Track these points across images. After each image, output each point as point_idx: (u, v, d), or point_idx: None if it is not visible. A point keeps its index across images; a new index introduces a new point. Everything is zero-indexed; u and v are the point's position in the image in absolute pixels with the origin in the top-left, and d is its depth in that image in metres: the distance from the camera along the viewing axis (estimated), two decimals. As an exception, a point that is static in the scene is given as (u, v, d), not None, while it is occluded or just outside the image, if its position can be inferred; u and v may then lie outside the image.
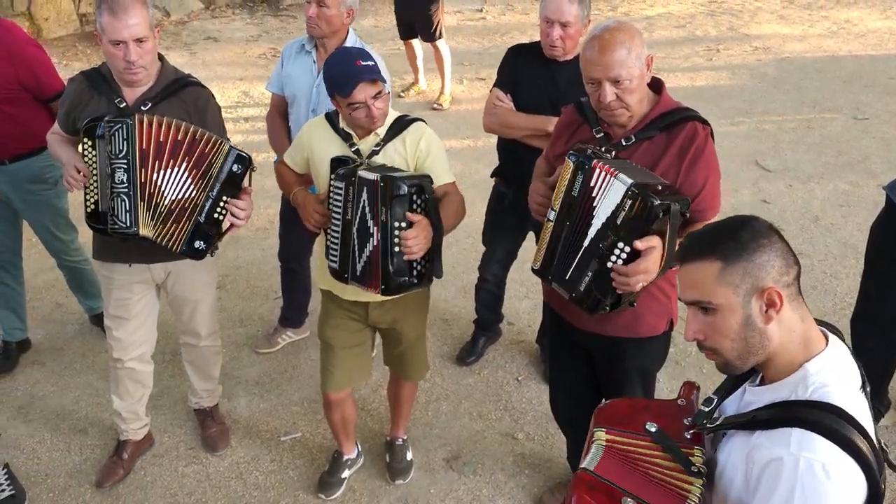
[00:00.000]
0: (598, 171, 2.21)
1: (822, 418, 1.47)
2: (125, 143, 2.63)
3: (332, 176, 2.60)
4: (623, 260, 2.18)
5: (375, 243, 2.48)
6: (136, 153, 2.64)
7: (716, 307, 1.55)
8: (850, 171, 5.71)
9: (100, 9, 2.65)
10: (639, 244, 2.12)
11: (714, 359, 1.62)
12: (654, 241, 2.13)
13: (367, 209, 2.47)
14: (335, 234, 2.59)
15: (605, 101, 2.27)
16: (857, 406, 1.53)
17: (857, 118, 6.55)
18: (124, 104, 2.77)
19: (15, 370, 3.90)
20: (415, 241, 2.45)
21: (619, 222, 2.17)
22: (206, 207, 2.71)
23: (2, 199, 3.56)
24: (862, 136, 6.24)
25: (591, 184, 2.22)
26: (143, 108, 2.75)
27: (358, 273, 2.57)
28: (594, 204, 2.22)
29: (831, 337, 1.62)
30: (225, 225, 2.79)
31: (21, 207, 3.61)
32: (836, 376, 1.55)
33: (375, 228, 2.47)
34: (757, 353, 1.57)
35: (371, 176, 2.44)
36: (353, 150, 2.65)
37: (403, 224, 2.45)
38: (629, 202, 2.14)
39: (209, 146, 2.71)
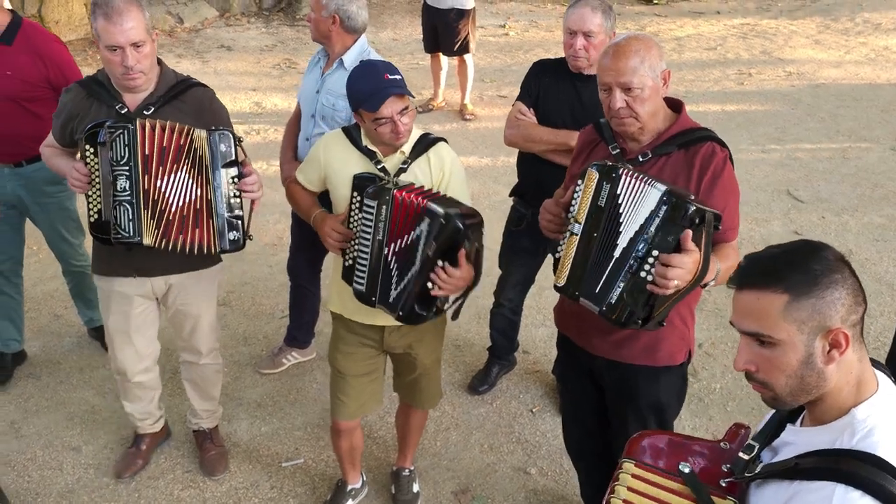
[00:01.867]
0: (625, 178, 2.21)
1: (868, 473, 1.38)
2: (126, 149, 2.60)
3: (357, 194, 2.53)
4: (653, 265, 2.16)
5: (415, 273, 2.45)
6: (138, 159, 2.61)
7: (776, 342, 1.45)
8: (886, 205, 5.58)
9: (94, 14, 2.61)
10: (683, 240, 2.08)
11: (763, 392, 1.52)
12: (693, 245, 2.10)
13: (423, 239, 2.42)
14: (364, 255, 2.52)
15: (615, 108, 2.28)
16: None
17: (895, 149, 6.41)
18: (126, 110, 2.72)
19: (8, 383, 3.83)
20: (452, 283, 2.44)
21: (653, 229, 2.15)
22: (219, 198, 2.68)
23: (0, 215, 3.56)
24: (899, 168, 6.12)
25: (618, 191, 2.21)
26: (145, 112, 2.71)
27: (391, 299, 2.52)
28: (621, 212, 2.21)
29: (881, 378, 1.53)
30: (246, 206, 2.76)
31: (34, 210, 3.60)
32: (884, 423, 1.46)
33: (419, 259, 2.43)
34: (811, 392, 1.48)
35: (439, 210, 2.38)
36: (378, 167, 2.59)
37: (445, 264, 2.43)
38: (664, 208, 2.13)
39: (190, 139, 2.66)
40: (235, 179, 2.69)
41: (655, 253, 2.13)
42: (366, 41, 3.41)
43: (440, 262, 2.42)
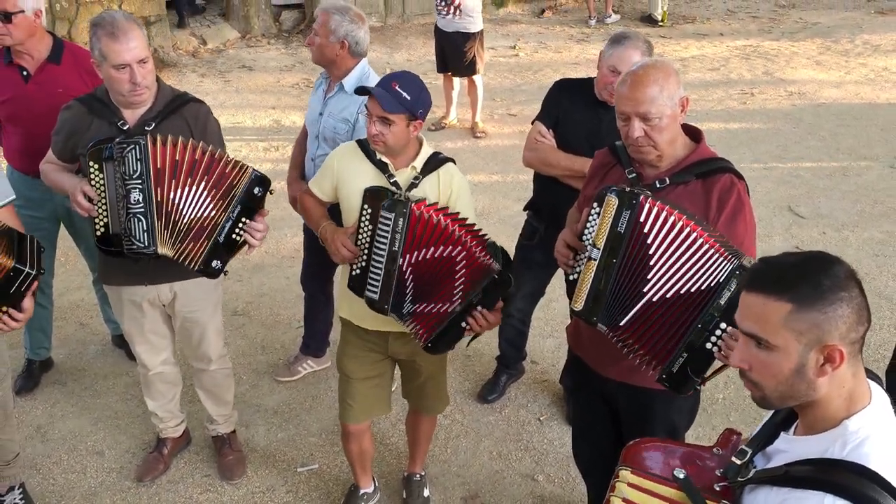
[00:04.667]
0: (648, 206, 2.17)
1: (856, 484, 1.41)
2: (139, 163, 2.65)
3: (368, 206, 2.57)
4: (720, 338, 2.15)
5: (450, 308, 2.53)
6: (150, 173, 2.66)
7: (772, 347, 1.47)
8: (885, 221, 5.63)
9: (96, 35, 2.68)
10: None
11: (753, 391, 1.55)
12: None
13: (462, 275, 2.51)
14: (377, 266, 2.56)
15: (633, 137, 2.27)
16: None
17: (895, 167, 6.47)
18: (127, 126, 2.79)
19: (36, 390, 3.92)
20: (485, 327, 2.54)
21: (723, 302, 2.12)
22: (226, 228, 2.74)
23: None
24: (899, 186, 6.16)
25: (641, 219, 2.18)
26: (146, 128, 2.77)
27: (404, 310, 2.58)
28: (650, 242, 2.17)
29: (875, 390, 1.55)
30: (242, 245, 2.83)
31: (78, 219, 3.61)
32: (875, 434, 1.48)
33: (459, 300, 2.52)
34: (799, 399, 1.51)
35: (496, 266, 2.47)
36: (391, 181, 2.64)
37: (484, 310, 2.52)
38: (734, 282, 2.09)
39: (231, 168, 2.73)
40: (246, 220, 2.75)
41: (724, 325, 2.10)
42: (366, 63, 3.43)
43: (480, 309, 2.50)
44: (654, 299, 2.19)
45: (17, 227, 2.67)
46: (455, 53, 6.63)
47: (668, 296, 2.18)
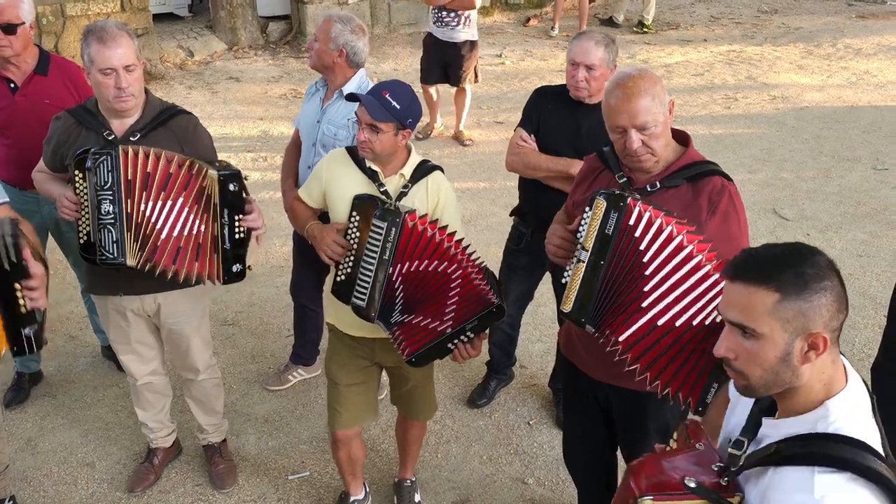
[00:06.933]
0: (638, 209, 2.17)
1: (850, 454, 1.45)
2: (110, 174, 2.66)
3: (357, 213, 2.58)
4: None
5: (440, 328, 2.58)
6: (121, 184, 2.67)
7: (758, 336, 1.51)
8: (868, 222, 5.70)
9: (86, 41, 2.72)
10: None
11: (737, 380, 1.59)
12: None
13: (455, 301, 2.56)
14: (366, 272, 2.58)
15: (633, 149, 2.28)
16: (874, 437, 1.53)
17: (877, 168, 6.55)
18: (113, 136, 2.80)
19: (26, 402, 3.92)
20: (467, 357, 2.63)
21: None
22: (227, 235, 2.75)
23: None
24: (881, 187, 6.23)
25: (631, 222, 2.18)
26: (131, 139, 2.78)
27: (392, 319, 2.60)
28: (642, 248, 2.17)
29: (849, 370, 1.60)
30: (248, 238, 2.85)
31: (66, 230, 3.64)
32: (853, 415, 1.54)
33: (451, 323, 2.57)
34: (783, 386, 1.55)
35: (495, 300, 2.53)
36: (381, 189, 2.65)
37: (472, 336, 2.59)
38: None
39: (201, 177, 2.74)
40: (240, 216, 2.76)
41: None
42: (364, 73, 3.47)
43: (471, 335, 2.57)
44: (660, 323, 2.17)
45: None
46: (459, 63, 6.58)
47: (677, 324, 2.15)
